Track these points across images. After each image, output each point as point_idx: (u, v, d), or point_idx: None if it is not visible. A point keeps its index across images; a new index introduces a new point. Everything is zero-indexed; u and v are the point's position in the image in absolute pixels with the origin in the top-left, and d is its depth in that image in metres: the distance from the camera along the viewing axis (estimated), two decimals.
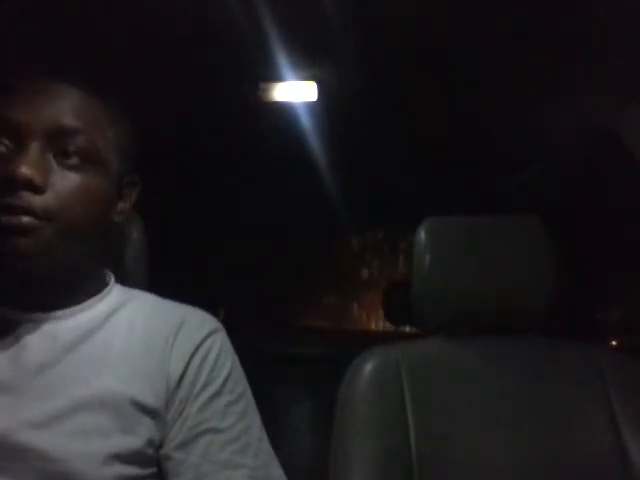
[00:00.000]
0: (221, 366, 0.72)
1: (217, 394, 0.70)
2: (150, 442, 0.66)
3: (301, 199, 2.46)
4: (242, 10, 1.10)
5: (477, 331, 1.07)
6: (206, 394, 0.69)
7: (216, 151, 1.97)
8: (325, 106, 1.56)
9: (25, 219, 0.63)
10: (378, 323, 3.04)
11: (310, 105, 1.56)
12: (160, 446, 0.67)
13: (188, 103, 1.58)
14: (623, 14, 1.03)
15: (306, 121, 1.64)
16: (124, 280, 0.83)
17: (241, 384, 0.74)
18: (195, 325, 0.74)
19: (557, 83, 1.33)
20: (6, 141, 0.66)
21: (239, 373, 0.75)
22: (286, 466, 0.73)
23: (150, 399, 0.67)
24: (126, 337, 0.70)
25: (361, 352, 1.03)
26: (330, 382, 1.15)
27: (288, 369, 2.47)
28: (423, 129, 1.74)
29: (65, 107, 0.68)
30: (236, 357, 0.76)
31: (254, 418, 0.73)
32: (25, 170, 0.63)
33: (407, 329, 2.81)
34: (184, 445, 0.67)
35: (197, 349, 0.71)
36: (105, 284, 0.77)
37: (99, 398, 0.64)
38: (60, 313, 0.70)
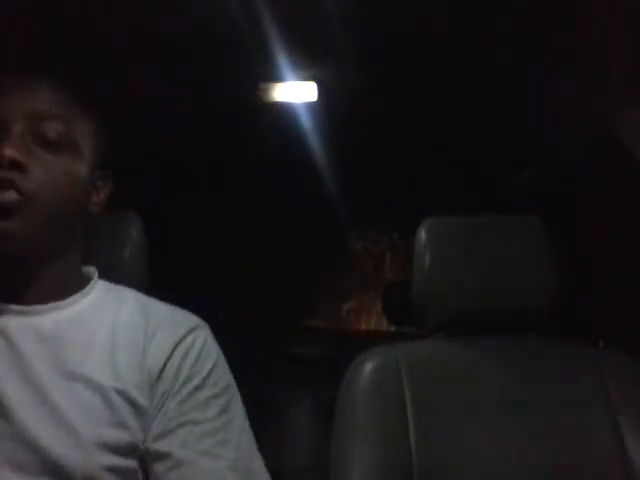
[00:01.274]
0: (204, 361, 0.73)
1: (199, 387, 0.71)
2: (137, 436, 0.67)
3: (301, 199, 2.46)
4: (242, 10, 1.10)
5: (477, 331, 1.07)
6: (188, 387, 0.70)
7: (216, 151, 1.97)
8: (325, 106, 1.56)
9: (11, 194, 0.66)
10: (381, 323, 3.04)
11: (310, 105, 1.56)
12: (144, 441, 0.68)
13: (188, 103, 1.58)
14: (623, 14, 1.03)
15: (306, 121, 1.64)
16: (124, 280, 0.83)
17: (224, 379, 0.74)
18: (175, 322, 0.75)
19: (557, 83, 1.33)
20: None
21: (223, 368, 0.76)
22: (286, 466, 0.73)
23: (135, 393, 0.67)
24: (109, 333, 0.71)
25: (361, 352, 1.03)
26: (330, 382, 1.15)
27: (288, 369, 2.47)
28: (423, 129, 1.74)
29: (42, 97, 0.74)
30: (221, 353, 0.77)
31: (237, 413, 0.74)
32: (8, 151, 0.67)
33: (393, 329, 2.81)
34: (163, 435, 0.67)
35: (177, 345, 0.72)
36: (88, 280, 0.78)
37: (86, 388, 0.66)
38: (44, 307, 0.71)
